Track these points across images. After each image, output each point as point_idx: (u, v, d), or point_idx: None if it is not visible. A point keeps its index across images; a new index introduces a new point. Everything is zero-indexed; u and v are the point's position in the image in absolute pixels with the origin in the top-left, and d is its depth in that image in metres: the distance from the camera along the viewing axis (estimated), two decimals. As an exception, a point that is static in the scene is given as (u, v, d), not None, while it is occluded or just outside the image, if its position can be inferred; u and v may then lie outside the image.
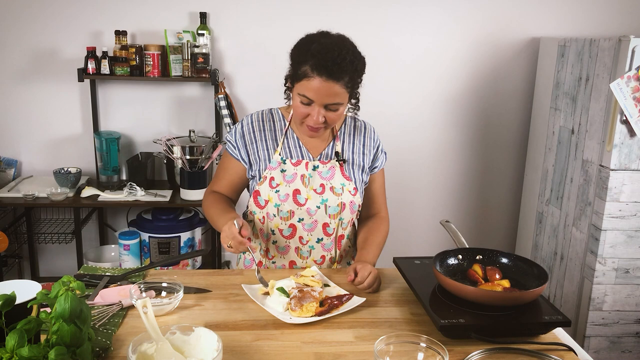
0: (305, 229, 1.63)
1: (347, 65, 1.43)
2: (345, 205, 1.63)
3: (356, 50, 1.49)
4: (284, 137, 1.65)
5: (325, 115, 1.49)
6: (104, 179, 3.02)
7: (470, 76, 3.24)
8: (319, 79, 1.43)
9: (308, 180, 1.61)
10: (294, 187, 1.60)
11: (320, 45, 1.44)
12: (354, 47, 1.49)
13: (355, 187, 1.64)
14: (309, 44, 1.47)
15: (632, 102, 2.33)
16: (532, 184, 3.19)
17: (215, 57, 3.08)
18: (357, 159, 1.68)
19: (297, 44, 1.52)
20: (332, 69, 1.42)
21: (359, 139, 1.70)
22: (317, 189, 1.61)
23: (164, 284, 1.40)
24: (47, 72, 3.04)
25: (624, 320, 2.58)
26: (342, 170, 1.64)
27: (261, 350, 1.18)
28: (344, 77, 1.44)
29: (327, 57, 1.41)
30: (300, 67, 1.46)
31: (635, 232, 2.48)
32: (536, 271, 1.39)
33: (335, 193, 1.61)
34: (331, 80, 1.43)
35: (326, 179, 1.62)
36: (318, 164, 1.63)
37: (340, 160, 1.64)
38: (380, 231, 1.72)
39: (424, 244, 3.42)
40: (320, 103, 1.47)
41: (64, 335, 0.96)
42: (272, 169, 1.61)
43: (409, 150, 3.30)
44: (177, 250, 2.94)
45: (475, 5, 3.14)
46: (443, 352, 1.08)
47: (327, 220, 1.63)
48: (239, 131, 1.66)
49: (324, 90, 1.44)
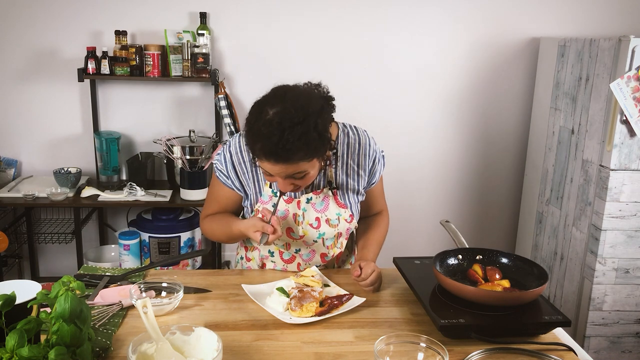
0: (304, 259, 1.63)
1: (295, 144, 1.27)
2: (342, 234, 1.62)
3: (310, 115, 1.29)
4: None
5: (293, 182, 1.40)
6: (104, 179, 3.02)
7: (470, 76, 3.24)
8: (268, 163, 1.32)
9: (302, 216, 1.54)
10: (287, 225, 1.55)
11: (265, 124, 1.28)
12: (305, 114, 1.29)
13: (351, 213, 1.59)
14: (257, 118, 1.31)
15: (632, 102, 2.33)
16: (532, 184, 3.19)
17: (215, 57, 3.07)
18: (352, 183, 1.59)
19: (250, 111, 1.36)
20: (279, 154, 1.29)
21: (353, 158, 1.58)
22: (312, 224, 1.55)
23: (164, 284, 1.40)
24: (47, 72, 3.04)
25: (624, 320, 2.58)
26: (336, 199, 1.57)
27: (261, 350, 1.18)
28: (295, 155, 1.30)
29: (271, 141, 1.27)
30: (252, 145, 1.34)
31: (635, 232, 2.48)
32: (536, 271, 1.40)
33: (331, 225, 1.57)
34: (281, 163, 1.31)
35: (321, 211, 1.55)
36: (311, 196, 1.55)
37: (334, 188, 1.57)
38: (381, 228, 1.71)
39: (424, 244, 3.42)
40: (282, 177, 1.37)
41: (64, 335, 0.97)
42: (264, 203, 1.56)
43: (409, 151, 3.30)
44: (177, 250, 2.94)
45: (475, 5, 3.14)
46: (443, 352, 1.08)
47: (325, 251, 1.63)
48: (229, 160, 1.55)
49: (279, 170, 1.34)
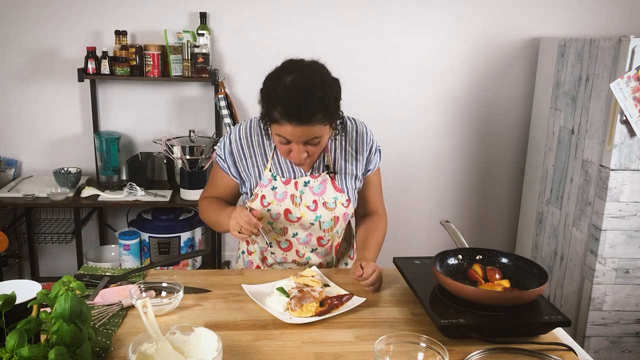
0: (301, 243, 1.64)
1: (316, 105, 1.37)
2: (339, 218, 1.63)
3: (326, 84, 1.40)
4: (274, 152, 1.60)
5: (307, 150, 1.45)
6: (104, 179, 3.02)
7: (470, 76, 3.24)
8: (290, 125, 1.38)
9: (300, 197, 1.58)
10: (285, 206, 1.58)
11: (286, 89, 1.37)
12: (322, 81, 1.40)
13: (347, 198, 1.62)
14: (276, 85, 1.39)
15: (632, 102, 2.33)
16: (532, 184, 3.19)
17: (215, 57, 3.07)
18: (349, 168, 1.63)
19: (264, 83, 1.45)
20: (301, 115, 1.36)
21: (351, 144, 1.64)
22: (310, 206, 1.59)
23: (164, 284, 1.40)
24: (47, 72, 3.03)
25: (624, 320, 2.58)
26: (333, 183, 1.60)
27: (261, 350, 1.18)
28: (315, 117, 1.38)
29: (294, 104, 1.35)
30: (270, 112, 1.41)
31: (635, 232, 2.48)
32: (536, 271, 1.40)
33: (328, 208, 1.59)
34: (302, 124, 1.38)
35: (318, 194, 1.59)
36: (309, 179, 1.59)
37: (331, 172, 1.60)
38: (379, 229, 1.71)
39: (424, 244, 3.42)
40: (298, 142, 1.43)
41: (64, 335, 0.97)
42: (263, 186, 1.59)
43: (409, 151, 3.30)
44: (177, 250, 2.94)
45: (475, 5, 3.14)
46: (443, 352, 1.08)
47: (321, 234, 1.64)
48: (227, 147, 1.61)
49: (299, 133, 1.40)
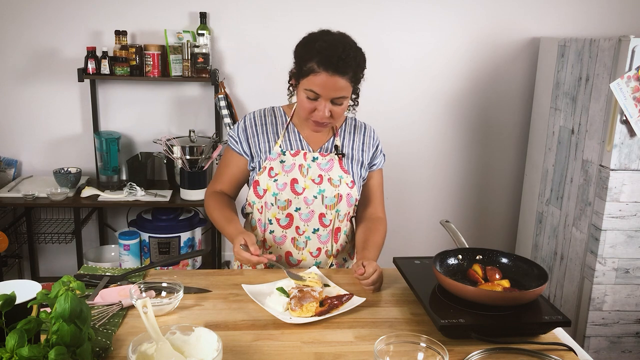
0: (302, 219, 1.66)
1: (351, 61, 1.51)
2: (342, 197, 1.66)
3: (358, 47, 1.57)
4: (285, 130, 1.71)
5: (331, 109, 1.55)
6: (104, 179, 3.02)
7: (470, 76, 3.24)
8: (325, 74, 1.49)
9: (307, 170, 1.66)
10: (292, 176, 1.65)
11: (325, 42, 1.52)
12: (355, 44, 1.57)
13: (352, 180, 1.69)
14: (313, 41, 1.54)
15: (632, 102, 2.33)
16: (532, 184, 3.19)
17: (215, 57, 3.07)
18: (357, 155, 1.73)
19: (301, 41, 1.59)
20: (338, 64, 1.49)
21: (359, 137, 1.76)
22: (315, 179, 1.65)
23: (164, 284, 1.40)
24: (47, 72, 3.04)
25: (624, 320, 2.58)
26: (340, 163, 1.69)
27: (261, 350, 1.18)
28: (348, 71, 1.51)
29: (332, 53, 1.49)
30: (306, 63, 1.52)
31: (635, 232, 2.48)
32: (536, 271, 1.40)
33: (332, 184, 1.66)
34: (337, 74, 1.50)
35: (325, 170, 1.67)
36: (317, 156, 1.68)
37: (340, 153, 1.70)
38: (380, 232, 1.72)
39: (424, 244, 3.42)
40: (326, 97, 1.53)
41: (64, 335, 0.96)
42: (271, 159, 1.67)
43: (409, 150, 3.30)
44: (177, 250, 2.94)
45: (475, 5, 3.14)
46: (443, 352, 1.08)
47: (324, 211, 1.66)
48: (241, 126, 1.72)
49: (330, 85, 1.50)
